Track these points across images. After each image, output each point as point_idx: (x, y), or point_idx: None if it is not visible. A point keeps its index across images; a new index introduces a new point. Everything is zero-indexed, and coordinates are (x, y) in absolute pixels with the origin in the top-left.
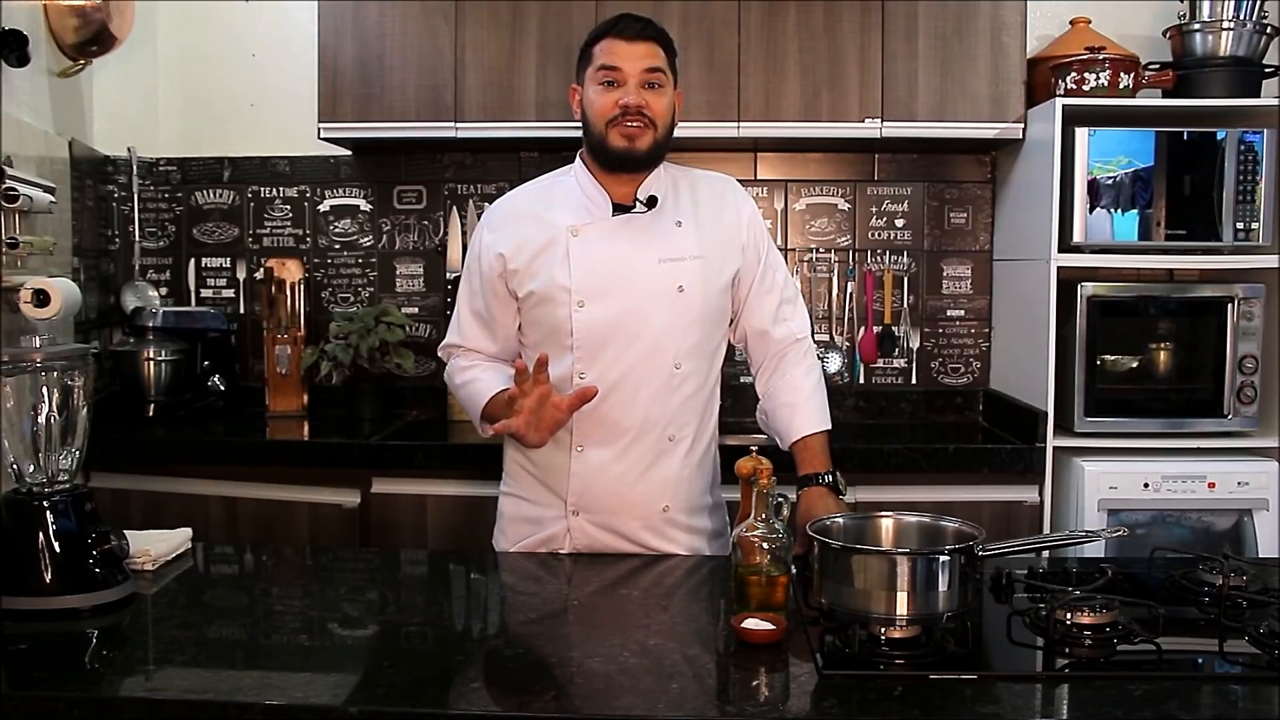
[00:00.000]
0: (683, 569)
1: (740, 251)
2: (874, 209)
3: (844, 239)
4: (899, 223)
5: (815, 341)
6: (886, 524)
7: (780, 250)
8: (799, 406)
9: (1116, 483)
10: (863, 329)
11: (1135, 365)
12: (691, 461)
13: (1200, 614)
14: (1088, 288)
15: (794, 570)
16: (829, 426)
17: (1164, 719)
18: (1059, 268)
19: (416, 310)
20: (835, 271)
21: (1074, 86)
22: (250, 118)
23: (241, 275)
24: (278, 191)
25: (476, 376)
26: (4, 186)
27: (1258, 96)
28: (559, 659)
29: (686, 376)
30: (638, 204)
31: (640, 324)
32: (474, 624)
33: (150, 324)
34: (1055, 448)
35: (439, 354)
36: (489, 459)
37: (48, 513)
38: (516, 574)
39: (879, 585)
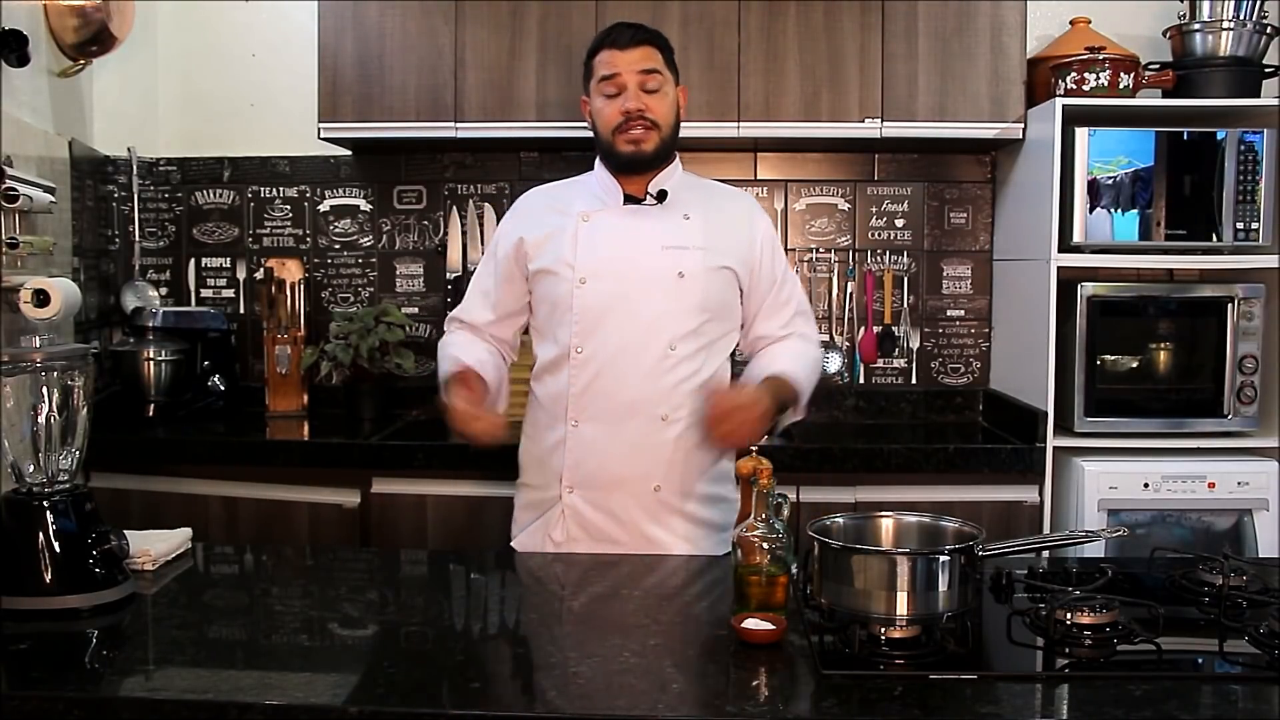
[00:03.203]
0: (682, 569)
1: (747, 261)
2: (874, 209)
3: (844, 239)
4: (899, 223)
5: None
6: (886, 524)
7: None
8: (779, 354)
9: (1116, 483)
10: (863, 329)
11: (1135, 365)
12: (685, 444)
13: (1200, 614)
14: (1088, 288)
15: (794, 570)
16: (804, 386)
17: (1164, 719)
18: (1059, 268)
19: (416, 310)
20: (835, 271)
21: (1074, 86)
22: (250, 118)
23: (241, 275)
24: (278, 191)
25: (456, 342)
26: (4, 186)
27: (1258, 96)
28: (559, 659)
29: (681, 360)
30: (648, 196)
31: (638, 304)
32: (474, 624)
33: (150, 324)
34: (1055, 448)
35: (445, 326)
36: (489, 459)
37: (48, 513)
38: (517, 574)
39: (879, 585)
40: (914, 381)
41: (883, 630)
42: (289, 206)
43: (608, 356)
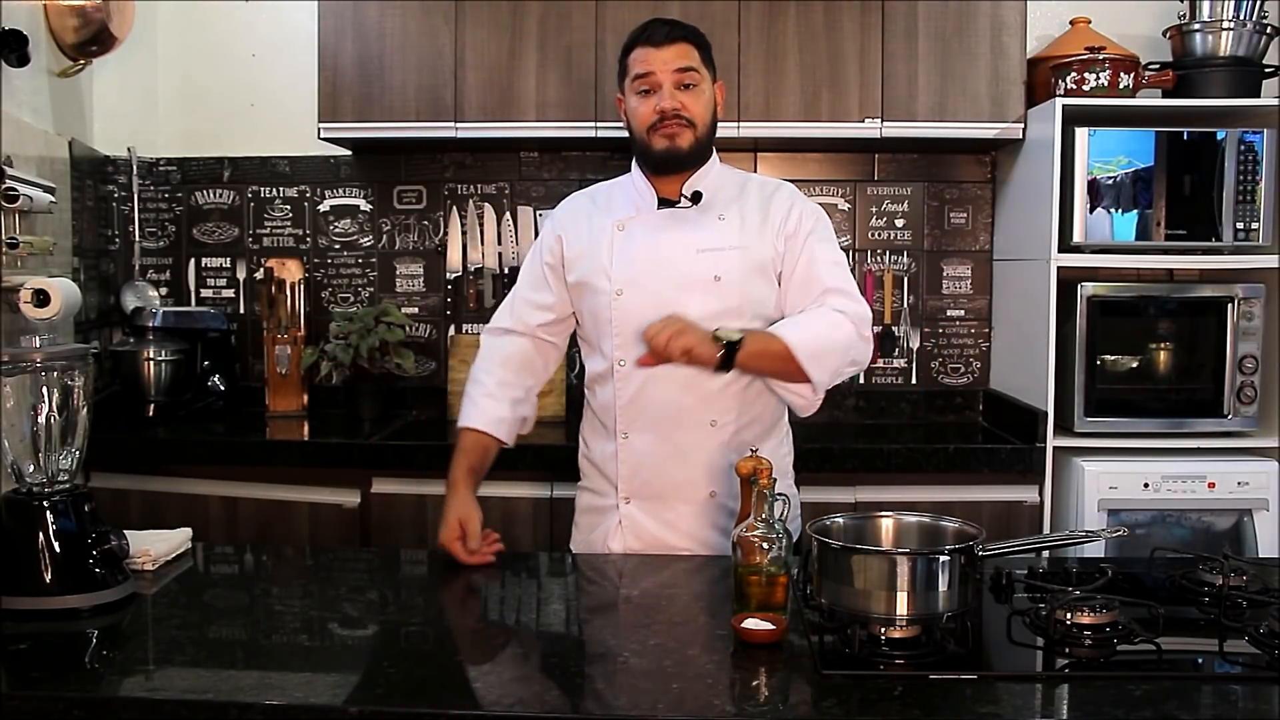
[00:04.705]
0: (683, 569)
1: (777, 249)
2: (874, 209)
3: (844, 239)
4: (899, 223)
5: None
6: (886, 524)
7: None
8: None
9: (1116, 483)
10: None
11: (1135, 365)
12: (736, 448)
13: (1200, 614)
14: (1088, 288)
15: (794, 571)
16: (791, 340)
17: (1164, 719)
18: (1059, 268)
19: (416, 310)
20: None
21: (1074, 86)
22: (250, 118)
23: (241, 275)
24: (278, 191)
25: (483, 383)
26: (4, 186)
27: (1258, 96)
28: (559, 659)
29: None
30: (683, 199)
31: (677, 312)
32: (473, 624)
33: (150, 324)
34: (1055, 448)
35: (483, 334)
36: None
37: (48, 513)
38: (516, 575)
39: (879, 585)
40: (914, 381)
41: (883, 630)
42: (289, 206)
43: (650, 368)
